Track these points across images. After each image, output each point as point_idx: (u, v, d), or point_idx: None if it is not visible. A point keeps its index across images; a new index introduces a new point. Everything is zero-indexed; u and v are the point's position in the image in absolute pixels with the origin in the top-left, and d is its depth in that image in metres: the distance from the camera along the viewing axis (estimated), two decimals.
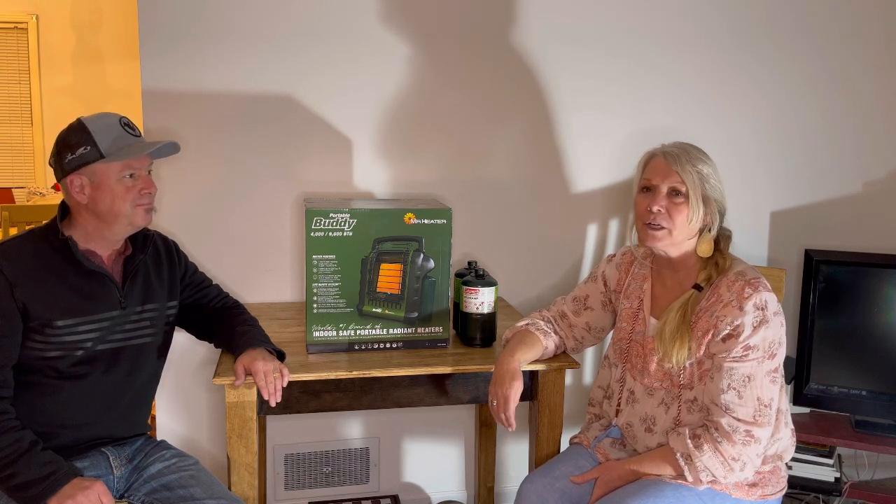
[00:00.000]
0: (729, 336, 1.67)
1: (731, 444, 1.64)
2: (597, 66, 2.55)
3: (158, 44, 2.27)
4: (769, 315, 1.66)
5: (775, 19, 2.66)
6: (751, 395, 1.65)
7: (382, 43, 2.40)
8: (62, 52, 5.40)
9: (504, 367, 1.82)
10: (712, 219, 1.75)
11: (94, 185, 1.68)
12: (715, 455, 1.65)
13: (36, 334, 1.65)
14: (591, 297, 1.99)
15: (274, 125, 2.37)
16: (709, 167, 1.75)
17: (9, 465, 1.56)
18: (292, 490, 2.58)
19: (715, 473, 1.65)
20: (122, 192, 1.68)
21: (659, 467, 1.73)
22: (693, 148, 1.77)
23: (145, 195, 1.72)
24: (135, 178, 1.71)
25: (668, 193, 1.73)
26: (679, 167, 1.72)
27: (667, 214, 1.72)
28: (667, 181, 1.73)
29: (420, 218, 1.94)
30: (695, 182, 1.71)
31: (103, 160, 1.66)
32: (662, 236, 1.74)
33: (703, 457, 1.65)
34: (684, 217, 1.72)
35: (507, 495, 2.71)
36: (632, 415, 1.83)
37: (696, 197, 1.71)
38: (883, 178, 2.83)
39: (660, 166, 1.75)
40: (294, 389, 1.88)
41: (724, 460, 1.64)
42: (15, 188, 5.00)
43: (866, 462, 2.84)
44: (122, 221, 1.70)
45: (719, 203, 1.76)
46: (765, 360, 1.66)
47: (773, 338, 1.67)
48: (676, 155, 1.73)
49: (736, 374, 1.65)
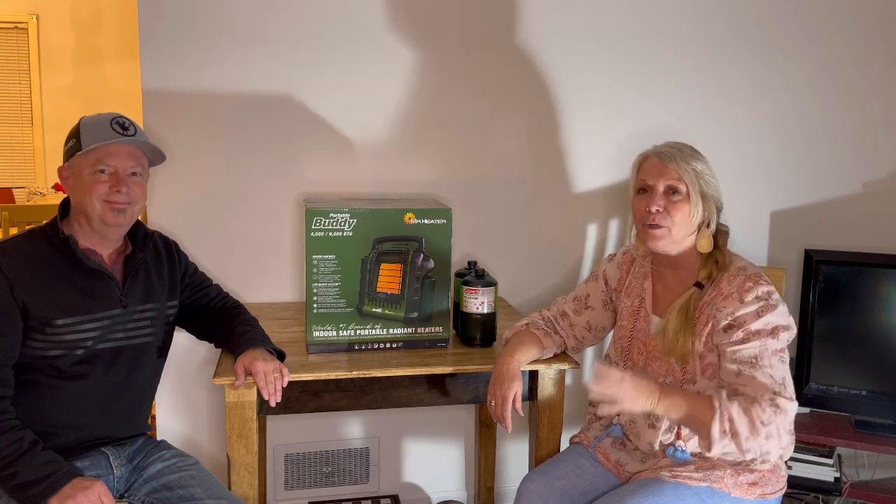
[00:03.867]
0: (730, 326, 1.68)
1: (760, 408, 1.59)
2: (597, 65, 2.55)
3: (158, 44, 2.27)
4: (771, 303, 1.67)
5: (776, 19, 2.66)
6: (762, 373, 1.63)
7: (383, 42, 2.40)
8: (62, 52, 5.39)
9: (503, 368, 1.82)
10: (710, 215, 1.77)
11: (74, 177, 1.72)
12: (744, 414, 1.60)
13: (36, 333, 1.65)
14: (591, 297, 2.00)
15: (274, 125, 2.37)
16: (703, 164, 1.76)
17: (9, 464, 1.56)
18: (292, 490, 2.58)
19: (740, 430, 1.58)
20: (90, 184, 1.69)
21: (684, 404, 1.65)
22: (685, 146, 1.79)
23: (115, 193, 1.69)
24: (107, 175, 1.70)
25: (665, 192, 1.74)
26: (675, 165, 1.73)
27: (666, 213, 1.73)
28: (663, 180, 1.74)
29: (420, 218, 1.94)
30: (692, 179, 1.72)
31: (80, 152, 1.69)
32: (663, 235, 1.74)
33: (733, 409, 1.60)
34: (683, 214, 1.73)
35: (507, 495, 2.71)
36: (634, 412, 1.82)
37: (695, 193, 1.72)
38: (883, 178, 2.83)
39: (654, 166, 1.76)
40: (294, 389, 1.88)
41: (751, 420, 1.59)
42: (15, 188, 4.99)
43: (866, 462, 2.84)
44: (94, 217, 1.70)
45: (716, 199, 1.77)
46: (767, 340, 1.65)
47: (776, 322, 1.66)
48: (671, 154, 1.75)
49: (741, 357, 1.65)
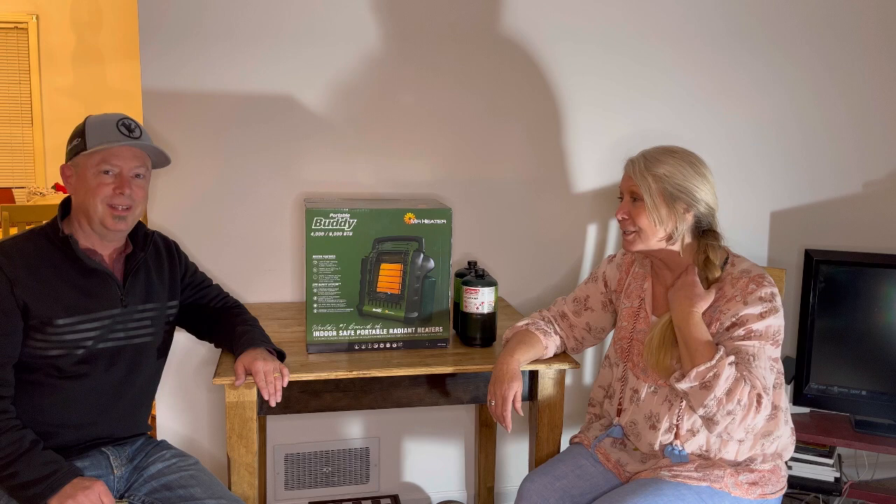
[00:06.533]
0: (733, 325, 1.71)
1: (745, 389, 1.62)
2: (597, 65, 2.55)
3: (158, 44, 2.27)
4: (775, 306, 1.71)
5: (776, 20, 2.66)
6: (757, 373, 1.66)
7: (382, 42, 2.40)
8: (62, 52, 5.39)
9: (503, 367, 1.83)
10: (678, 216, 1.76)
11: (78, 176, 1.71)
12: (731, 380, 1.63)
13: (37, 333, 1.65)
14: (591, 298, 2.00)
15: (274, 125, 2.37)
16: (668, 166, 1.76)
17: (9, 464, 1.56)
18: (292, 490, 2.58)
19: (716, 387, 1.61)
20: (94, 186, 1.69)
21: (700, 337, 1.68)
22: (658, 151, 1.80)
23: (118, 195, 1.69)
24: (111, 176, 1.70)
25: (631, 199, 1.80)
26: (633, 173, 1.79)
27: (631, 220, 1.79)
28: (627, 187, 1.82)
29: (420, 218, 1.94)
30: (649, 185, 1.76)
31: (85, 151, 1.69)
32: (633, 239, 1.81)
33: (729, 370, 1.63)
34: (645, 219, 1.77)
35: (507, 495, 2.71)
36: (636, 413, 1.83)
37: (651, 200, 1.76)
38: (883, 178, 2.83)
39: (625, 174, 1.84)
40: (294, 389, 1.88)
41: (731, 390, 1.62)
42: (15, 188, 5.00)
43: (866, 462, 2.84)
44: (95, 219, 1.70)
45: (687, 199, 1.76)
46: (766, 345, 1.69)
47: (777, 326, 1.71)
48: (634, 162, 1.82)
49: (741, 353, 1.68)
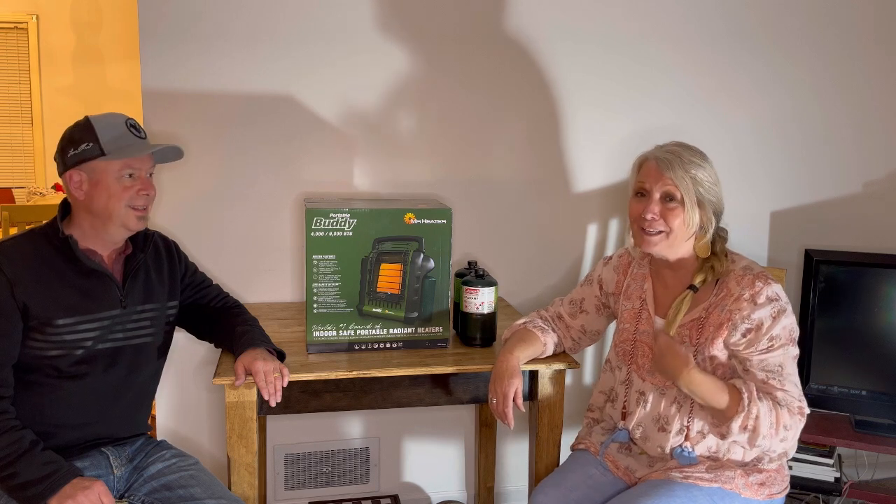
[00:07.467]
0: (749, 331, 1.69)
1: (787, 413, 1.64)
2: (597, 65, 2.55)
3: (158, 44, 2.27)
4: (783, 304, 1.70)
5: (776, 20, 2.66)
6: (789, 382, 1.67)
7: (382, 42, 2.40)
8: (62, 52, 5.39)
9: (503, 365, 1.82)
10: (708, 220, 1.75)
11: (93, 182, 1.68)
12: (770, 413, 1.63)
13: (36, 333, 1.65)
14: (586, 301, 2.00)
15: (273, 125, 2.37)
16: (703, 170, 1.73)
17: (9, 464, 1.56)
18: (292, 490, 2.58)
19: (761, 428, 1.62)
20: (118, 190, 1.68)
21: (715, 389, 1.66)
22: (687, 151, 1.75)
23: (142, 196, 1.71)
24: (134, 179, 1.70)
25: (661, 198, 1.73)
26: (672, 173, 1.71)
27: (661, 219, 1.73)
28: (660, 186, 1.73)
29: (420, 218, 1.94)
30: (688, 187, 1.71)
31: (104, 157, 1.67)
32: (658, 241, 1.75)
33: (762, 406, 1.63)
34: (680, 221, 1.72)
35: (507, 495, 2.71)
36: (643, 416, 1.81)
37: (690, 202, 1.71)
38: (883, 178, 2.83)
39: (653, 171, 1.75)
40: (294, 389, 1.88)
41: (775, 422, 1.63)
42: (15, 188, 5.00)
43: (866, 462, 2.84)
44: (116, 222, 1.70)
45: (714, 204, 1.75)
46: (788, 346, 1.68)
47: (791, 325, 1.70)
48: (669, 160, 1.72)
49: (769, 365, 1.67)
